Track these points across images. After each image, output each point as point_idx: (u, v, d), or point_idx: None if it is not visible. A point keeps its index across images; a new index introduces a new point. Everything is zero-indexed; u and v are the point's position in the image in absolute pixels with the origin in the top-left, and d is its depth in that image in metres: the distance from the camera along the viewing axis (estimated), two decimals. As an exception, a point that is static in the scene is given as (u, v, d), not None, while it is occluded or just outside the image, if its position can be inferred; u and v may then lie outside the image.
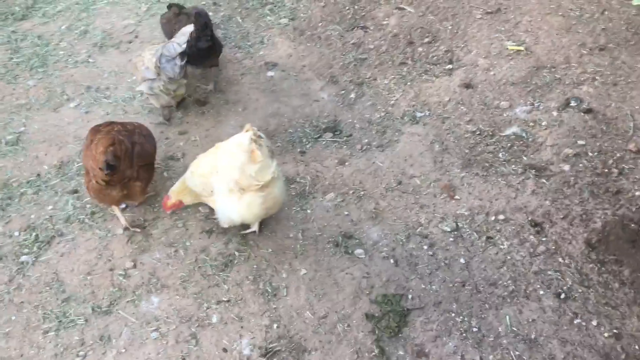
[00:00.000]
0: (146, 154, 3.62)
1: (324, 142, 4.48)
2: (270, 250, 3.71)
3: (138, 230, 3.77)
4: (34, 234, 3.78)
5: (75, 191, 4.04)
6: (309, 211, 3.96)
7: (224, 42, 5.30)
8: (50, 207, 3.95)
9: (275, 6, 5.84)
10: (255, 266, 3.62)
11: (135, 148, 3.49)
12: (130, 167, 3.46)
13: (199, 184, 3.57)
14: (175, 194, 3.67)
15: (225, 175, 3.38)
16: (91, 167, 3.41)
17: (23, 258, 3.64)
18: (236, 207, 3.45)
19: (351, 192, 4.10)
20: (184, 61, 4.19)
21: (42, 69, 5.06)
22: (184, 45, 4.14)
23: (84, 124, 4.43)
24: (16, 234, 3.78)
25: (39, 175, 4.16)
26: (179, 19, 4.71)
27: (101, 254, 3.66)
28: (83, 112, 4.64)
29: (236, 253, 3.68)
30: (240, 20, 5.67)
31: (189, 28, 4.17)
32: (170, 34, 4.65)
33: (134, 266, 3.60)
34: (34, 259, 3.64)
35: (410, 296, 3.49)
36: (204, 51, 4.52)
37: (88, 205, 3.95)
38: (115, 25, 5.57)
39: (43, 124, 4.55)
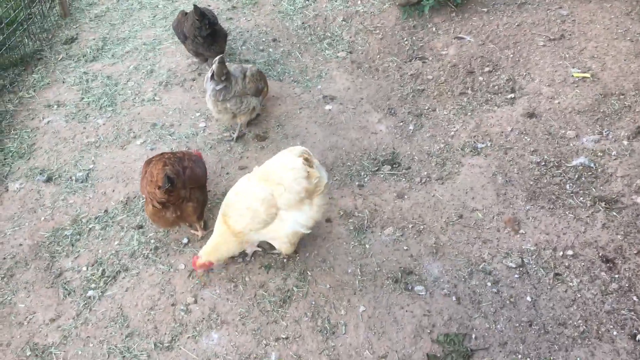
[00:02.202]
0: (196, 177, 3.82)
1: (382, 175, 4.44)
2: (329, 286, 3.68)
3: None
4: (100, 268, 3.90)
5: (140, 226, 4.16)
6: (367, 246, 3.91)
7: (282, 78, 5.41)
8: (116, 242, 4.07)
9: (333, 40, 5.90)
10: (313, 302, 3.58)
11: (186, 171, 3.72)
12: (184, 188, 3.67)
13: (249, 216, 3.49)
14: (206, 254, 3.59)
15: (293, 188, 3.39)
16: (148, 192, 3.63)
17: (90, 293, 3.75)
18: (314, 212, 3.53)
19: (410, 226, 4.03)
20: (217, 85, 4.52)
21: (110, 108, 5.29)
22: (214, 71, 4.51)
23: (149, 161, 4.58)
24: (84, 268, 3.92)
25: (106, 211, 4.31)
26: (186, 18, 5.33)
27: (164, 288, 3.73)
28: (149, 148, 4.80)
29: (294, 289, 3.67)
30: (299, 55, 5.75)
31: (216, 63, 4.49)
32: (181, 34, 5.39)
33: (195, 301, 3.64)
34: (100, 293, 3.75)
35: (474, 336, 3.36)
36: (207, 38, 5.18)
37: (152, 241, 4.05)
38: (180, 64, 5.77)
39: (111, 161, 4.73)
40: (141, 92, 5.47)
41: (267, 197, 3.44)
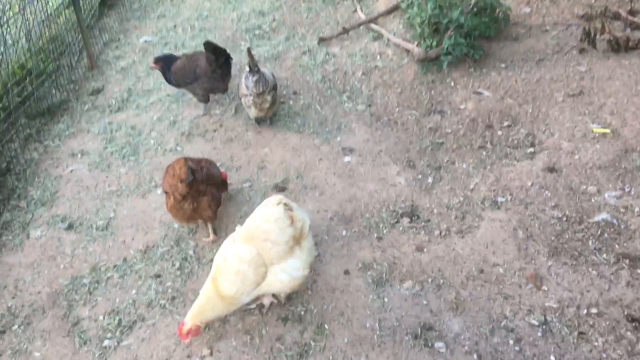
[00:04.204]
0: (211, 174, 4.31)
1: (401, 228, 4.41)
2: (347, 340, 3.61)
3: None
4: (117, 318, 3.87)
5: (158, 275, 4.15)
6: (385, 300, 3.85)
7: (302, 129, 5.49)
8: (134, 291, 4.06)
9: (352, 93, 6.00)
10: (331, 357, 3.51)
11: (203, 169, 4.20)
12: (202, 182, 4.12)
13: (239, 280, 3.43)
14: (192, 318, 3.46)
15: (280, 239, 3.41)
16: (171, 185, 4.05)
17: (106, 342, 3.72)
18: (305, 255, 3.56)
19: (430, 280, 3.97)
20: (256, 79, 5.18)
21: (133, 157, 5.38)
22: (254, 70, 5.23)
23: (168, 210, 4.62)
24: (101, 317, 3.90)
25: (125, 259, 4.33)
26: (197, 57, 5.59)
27: (180, 339, 3.68)
28: (168, 198, 4.84)
29: (312, 343, 3.60)
30: (319, 108, 5.84)
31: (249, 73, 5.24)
32: (191, 74, 5.56)
33: (211, 353, 3.59)
34: (116, 343, 3.71)
35: (495, 396, 3.25)
36: (224, 67, 5.56)
37: (169, 290, 4.04)
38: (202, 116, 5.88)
39: (131, 209, 4.77)
40: (164, 142, 5.57)
41: (254, 258, 3.42)
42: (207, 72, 5.48)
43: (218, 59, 5.45)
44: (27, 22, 6.10)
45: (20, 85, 5.78)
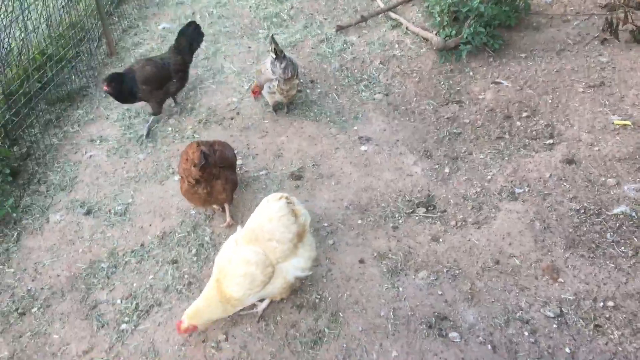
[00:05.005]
0: (225, 157, 4.30)
1: (417, 218, 4.40)
2: (361, 328, 3.63)
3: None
4: (134, 302, 3.93)
5: (175, 261, 4.19)
6: (400, 289, 3.86)
7: (319, 118, 5.48)
8: (151, 276, 4.11)
9: (370, 82, 5.97)
10: (345, 345, 3.53)
11: (216, 153, 4.20)
12: (215, 166, 4.10)
13: (247, 282, 3.42)
14: (188, 317, 3.48)
15: (285, 237, 3.42)
16: (184, 170, 4.05)
17: (123, 326, 3.78)
18: (308, 252, 3.58)
19: (445, 270, 3.96)
20: (284, 64, 5.17)
21: (151, 144, 5.42)
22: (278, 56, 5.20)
23: (186, 196, 4.65)
24: (118, 301, 3.95)
25: (142, 244, 4.37)
26: (162, 62, 5.58)
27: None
28: (185, 184, 4.87)
29: (326, 330, 3.62)
30: (336, 97, 5.83)
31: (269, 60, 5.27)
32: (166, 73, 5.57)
33: (226, 339, 3.63)
34: (133, 327, 3.77)
35: (509, 387, 3.25)
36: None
37: (186, 276, 4.08)
38: (220, 103, 5.90)
39: (149, 195, 4.82)
40: (181, 129, 5.60)
41: (261, 259, 3.41)
42: (180, 68, 5.64)
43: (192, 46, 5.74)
44: (47, 9, 6.14)
45: (40, 71, 5.84)
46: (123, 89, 5.32)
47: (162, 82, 5.51)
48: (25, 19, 5.65)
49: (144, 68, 5.43)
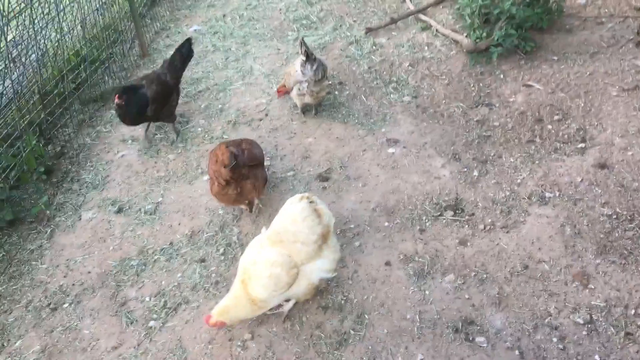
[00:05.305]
0: (253, 156, 4.31)
1: (444, 221, 4.37)
2: (386, 331, 3.62)
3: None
4: (163, 300, 3.99)
5: (203, 260, 4.25)
6: (427, 292, 3.84)
7: (347, 120, 5.49)
8: (179, 274, 4.17)
9: (398, 84, 5.95)
10: (370, 347, 3.53)
11: (245, 152, 4.22)
12: (244, 166, 4.14)
13: (272, 283, 3.45)
14: (218, 314, 3.52)
15: (309, 239, 3.43)
16: (214, 171, 4.11)
17: (151, 323, 3.84)
18: (332, 254, 3.58)
19: (473, 274, 3.93)
20: (315, 66, 5.21)
21: (181, 144, 5.50)
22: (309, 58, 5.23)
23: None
24: (147, 298, 4.02)
25: (171, 243, 4.44)
26: (158, 78, 5.42)
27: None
28: (214, 184, 4.93)
29: (351, 332, 3.62)
30: (364, 99, 5.83)
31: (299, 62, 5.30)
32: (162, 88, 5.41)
33: (252, 338, 3.66)
34: (161, 324, 3.83)
35: (537, 394, 3.20)
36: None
37: (213, 275, 4.12)
38: (249, 105, 5.96)
39: (178, 195, 4.89)
40: (211, 130, 5.66)
41: (286, 261, 3.44)
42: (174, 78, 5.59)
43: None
44: (82, 11, 6.28)
45: (74, 72, 5.98)
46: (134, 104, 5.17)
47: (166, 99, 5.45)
48: (61, 20, 5.79)
49: (149, 88, 5.28)
